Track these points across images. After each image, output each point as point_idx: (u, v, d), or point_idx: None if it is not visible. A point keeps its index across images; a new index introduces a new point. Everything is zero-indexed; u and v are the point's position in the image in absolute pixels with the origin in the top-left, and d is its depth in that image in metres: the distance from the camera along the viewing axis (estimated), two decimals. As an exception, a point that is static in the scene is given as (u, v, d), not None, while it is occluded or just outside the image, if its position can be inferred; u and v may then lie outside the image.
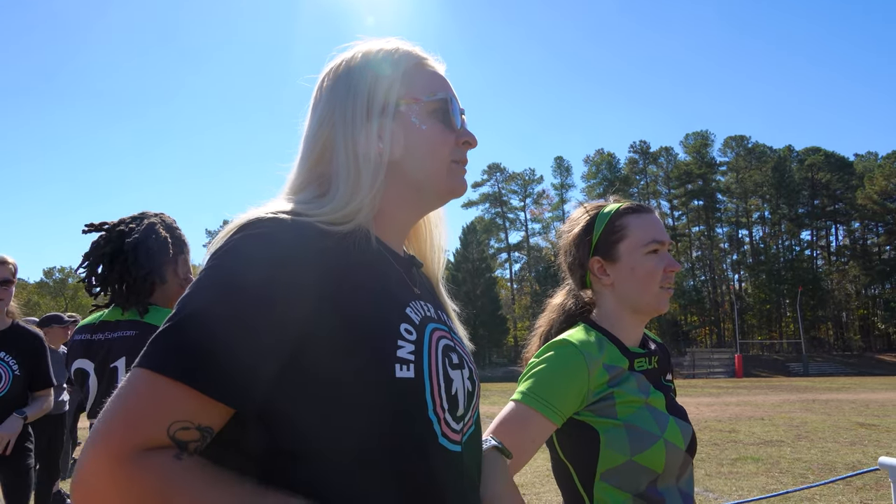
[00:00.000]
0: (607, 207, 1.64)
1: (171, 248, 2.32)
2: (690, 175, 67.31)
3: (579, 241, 1.64)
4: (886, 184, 59.72)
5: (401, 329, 0.88)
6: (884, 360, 48.89)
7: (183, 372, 0.73)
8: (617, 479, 1.43)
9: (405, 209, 1.04)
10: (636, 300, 1.57)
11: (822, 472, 7.26)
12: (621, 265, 1.57)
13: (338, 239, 0.87)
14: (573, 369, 1.45)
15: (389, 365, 0.84)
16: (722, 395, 20.22)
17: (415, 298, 0.97)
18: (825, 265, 65.95)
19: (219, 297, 0.77)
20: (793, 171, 64.39)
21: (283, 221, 0.84)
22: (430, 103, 1.00)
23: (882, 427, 11.03)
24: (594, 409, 1.46)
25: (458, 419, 0.94)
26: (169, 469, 0.72)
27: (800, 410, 14.40)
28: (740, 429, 11.20)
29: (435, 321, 0.98)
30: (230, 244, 0.81)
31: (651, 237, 1.56)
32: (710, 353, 47.27)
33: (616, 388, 1.47)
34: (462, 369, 0.98)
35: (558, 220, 71.44)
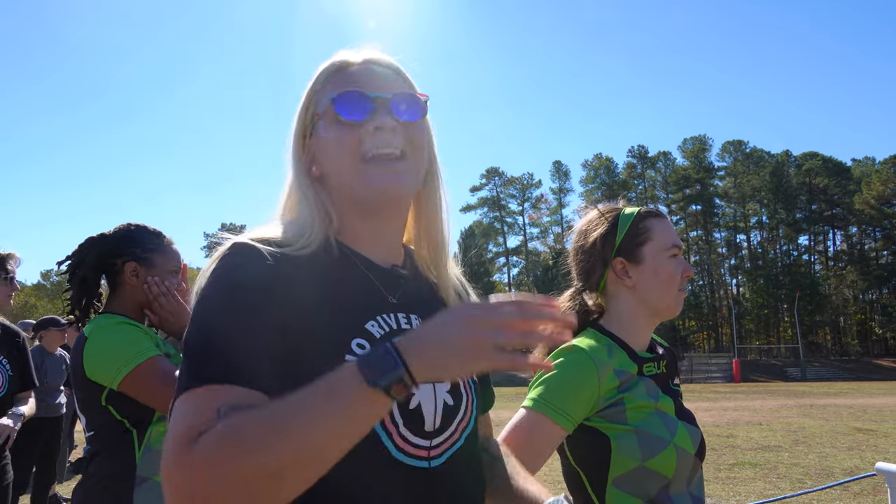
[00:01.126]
0: (627, 210, 1.65)
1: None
2: (688, 180, 67.49)
3: (602, 241, 1.63)
4: (884, 189, 59.90)
5: (352, 344, 0.90)
6: (881, 365, 48.93)
7: (210, 376, 0.79)
8: (628, 485, 1.42)
9: (360, 219, 1.02)
10: (657, 302, 1.58)
11: (820, 477, 7.26)
12: (644, 267, 1.58)
13: (301, 261, 0.91)
14: (583, 375, 1.45)
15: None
16: (720, 400, 20.22)
17: (387, 311, 0.97)
18: (823, 270, 66.09)
19: (220, 302, 0.85)
20: (790, 176, 64.59)
21: (247, 249, 0.89)
22: (327, 110, 0.98)
23: (880, 432, 11.03)
24: (604, 415, 1.45)
25: (425, 435, 0.92)
26: (228, 420, 0.74)
27: (797, 415, 14.40)
28: (738, 434, 11.19)
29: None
30: (211, 269, 0.90)
31: (672, 241, 1.59)
32: (707, 357, 47.33)
33: (626, 394, 1.47)
34: (440, 384, 0.95)
35: (556, 225, 71.55)
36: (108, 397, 1.93)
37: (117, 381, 1.89)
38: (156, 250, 2.15)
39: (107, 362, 1.92)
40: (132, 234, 2.16)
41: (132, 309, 2.11)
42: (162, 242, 2.19)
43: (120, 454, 1.92)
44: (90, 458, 1.98)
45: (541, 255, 70.58)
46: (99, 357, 1.94)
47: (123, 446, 1.93)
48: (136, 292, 2.11)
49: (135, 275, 2.11)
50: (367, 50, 1.04)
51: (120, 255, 2.12)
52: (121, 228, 2.18)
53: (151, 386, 1.88)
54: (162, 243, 2.19)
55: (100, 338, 1.98)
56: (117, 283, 2.13)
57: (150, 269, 2.12)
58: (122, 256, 2.12)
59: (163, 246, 2.18)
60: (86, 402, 1.98)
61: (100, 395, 1.93)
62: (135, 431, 1.94)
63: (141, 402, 1.91)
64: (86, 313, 2.14)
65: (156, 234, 2.20)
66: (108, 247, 2.13)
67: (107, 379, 1.91)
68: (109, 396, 1.93)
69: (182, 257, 2.26)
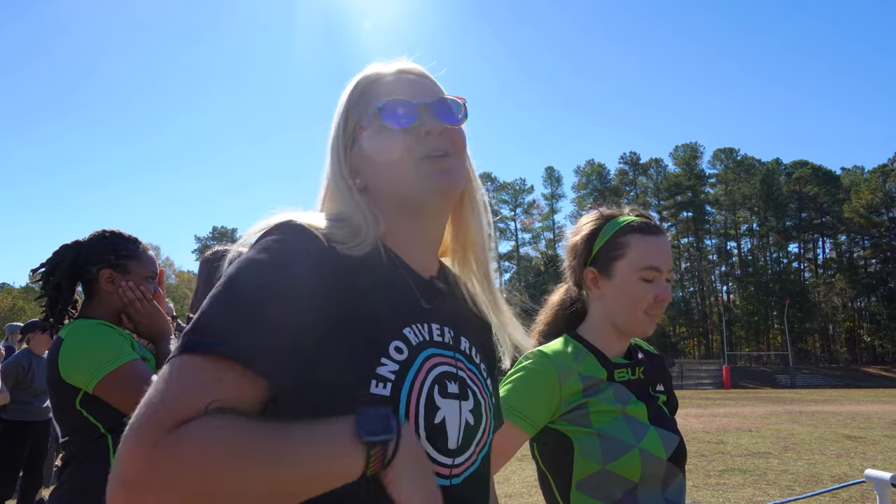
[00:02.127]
0: (619, 219, 1.60)
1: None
2: (680, 187, 67.84)
3: (580, 247, 1.63)
4: (872, 197, 60.44)
5: (390, 347, 0.89)
6: (869, 373, 49.24)
7: (214, 345, 0.75)
8: (592, 488, 1.43)
9: (406, 224, 1.03)
10: (619, 319, 1.56)
11: (809, 484, 7.29)
12: (614, 282, 1.56)
13: (350, 261, 0.91)
14: (544, 379, 1.49)
15: (366, 379, 0.85)
16: (710, 406, 20.27)
17: (424, 320, 0.97)
18: (812, 278, 66.55)
19: (238, 292, 0.81)
20: (781, 183, 65.07)
21: (304, 232, 0.88)
22: (373, 119, 1.00)
23: (868, 439, 11.09)
24: (568, 419, 1.47)
25: (448, 452, 0.91)
26: (207, 425, 0.71)
27: (787, 422, 14.46)
28: (728, 440, 11.22)
29: (442, 346, 0.97)
30: (258, 245, 0.87)
31: (648, 262, 1.52)
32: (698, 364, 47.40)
33: (591, 398, 1.48)
34: (464, 400, 0.95)
35: (548, 231, 71.75)
36: (83, 401, 1.90)
37: (92, 384, 1.86)
38: (131, 256, 2.13)
39: (82, 364, 1.89)
40: (107, 240, 2.14)
41: (108, 315, 2.09)
42: (137, 249, 2.17)
43: (94, 460, 1.89)
44: (64, 464, 1.95)
45: (532, 261, 70.67)
46: (75, 359, 1.91)
47: (97, 452, 1.90)
48: (112, 298, 2.09)
49: (110, 281, 2.09)
50: (397, 62, 1.07)
51: (95, 261, 2.10)
52: (96, 235, 2.16)
53: (128, 390, 1.84)
54: (137, 249, 2.17)
55: (76, 340, 1.95)
56: (93, 289, 2.11)
57: (126, 276, 2.10)
58: (97, 263, 2.10)
59: (138, 252, 2.16)
60: (59, 406, 1.96)
61: (74, 399, 1.91)
62: (109, 436, 1.91)
63: (115, 407, 1.88)
64: (60, 320, 2.12)
65: (131, 241, 2.18)
66: (82, 253, 2.11)
67: (82, 381, 1.88)
68: (84, 400, 1.90)
69: (159, 263, 2.23)
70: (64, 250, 2.14)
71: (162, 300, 2.18)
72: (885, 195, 60.53)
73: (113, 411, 1.89)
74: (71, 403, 1.92)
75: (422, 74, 1.07)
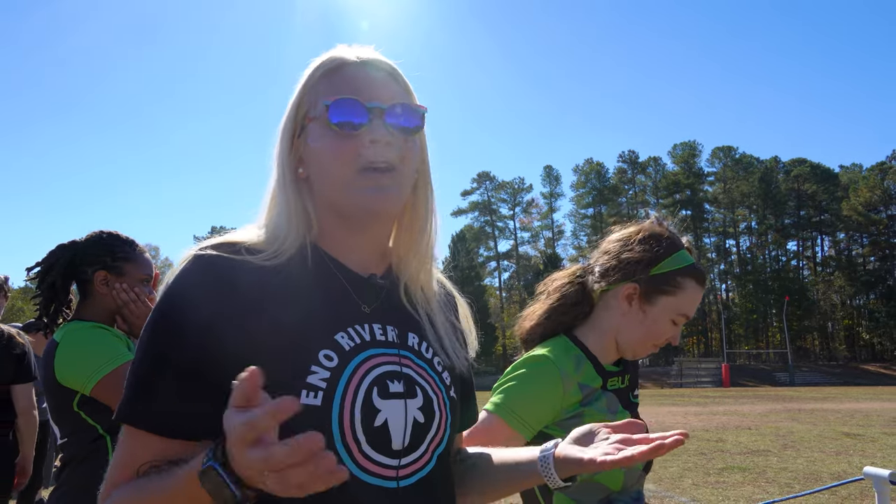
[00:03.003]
0: (680, 252, 1.58)
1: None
2: (678, 185, 67.92)
3: (636, 261, 1.57)
4: (870, 195, 60.51)
5: (319, 355, 0.87)
6: (868, 370, 49.30)
7: (137, 417, 0.85)
8: (574, 493, 1.45)
9: (343, 229, 0.98)
10: (628, 341, 1.58)
11: (808, 481, 7.29)
12: (649, 310, 1.55)
13: (269, 272, 0.89)
14: (548, 387, 1.48)
15: (297, 390, 0.83)
16: (709, 404, 20.28)
17: (360, 321, 0.94)
18: (811, 276, 66.64)
19: (147, 338, 0.87)
20: (779, 181, 65.17)
21: (208, 259, 0.88)
22: (321, 116, 0.93)
23: (867, 437, 11.11)
24: (562, 426, 1.47)
25: (392, 454, 0.89)
26: (120, 494, 0.84)
27: (786, 420, 14.48)
28: (727, 438, 11.24)
29: (384, 345, 0.94)
30: (168, 283, 0.90)
31: (686, 311, 1.56)
32: (697, 362, 47.51)
33: (587, 408, 1.50)
34: (410, 398, 0.92)
35: (547, 229, 71.80)
36: (80, 403, 1.90)
37: (90, 387, 1.86)
38: (126, 259, 2.13)
39: (79, 367, 1.89)
40: (103, 242, 2.14)
41: (103, 316, 2.08)
42: (133, 251, 2.16)
43: (93, 461, 1.88)
44: (63, 465, 1.95)
45: (531, 260, 70.71)
46: (71, 362, 1.91)
47: (96, 453, 1.90)
48: (107, 300, 2.08)
49: (105, 283, 2.08)
50: (364, 49, 0.98)
51: (90, 262, 2.10)
52: (92, 236, 2.16)
53: None
54: (133, 252, 2.16)
55: (72, 342, 1.95)
56: (88, 290, 2.11)
57: (120, 278, 2.09)
58: (93, 264, 2.09)
59: (134, 254, 2.15)
60: (57, 408, 1.95)
61: (71, 401, 1.91)
62: (108, 437, 1.91)
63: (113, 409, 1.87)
64: (54, 320, 2.12)
65: (127, 243, 2.17)
66: (78, 254, 2.11)
67: (79, 384, 1.88)
68: (81, 402, 1.90)
69: (155, 266, 2.22)
70: (60, 250, 2.14)
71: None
72: (883, 193, 60.62)
73: (111, 412, 1.88)
74: (69, 406, 1.91)
75: (388, 70, 0.97)
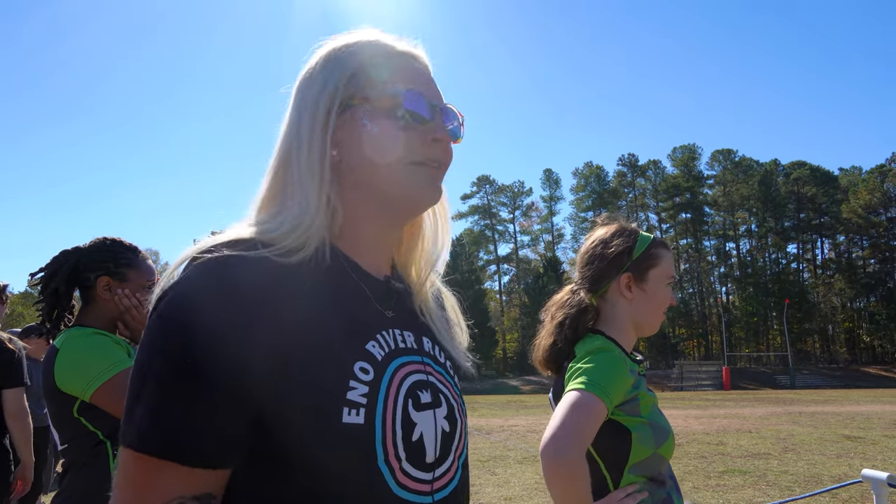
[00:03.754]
0: (643, 233, 1.84)
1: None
2: (678, 188, 67.91)
3: (622, 254, 1.80)
4: (870, 198, 60.52)
5: (355, 369, 0.80)
6: (869, 373, 49.25)
7: (163, 446, 0.70)
8: (642, 469, 1.62)
9: (373, 222, 0.92)
10: (645, 320, 1.79)
11: (809, 484, 7.29)
12: (646, 287, 1.78)
13: (292, 269, 0.80)
14: (621, 369, 1.64)
15: (337, 409, 0.76)
16: (709, 407, 20.27)
17: (385, 327, 0.88)
18: (811, 278, 66.58)
19: (171, 357, 0.72)
20: (779, 184, 65.15)
21: (219, 265, 0.76)
22: (382, 100, 0.88)
23: (867, 440, 11.10)
24: (625, 409, 1.63)
25: (426, 467, 0.84)
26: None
27: (787, 423, 14.46)
28: (728, 441, 11.23)
29: (408, 352, 0.89)
30: (165, 300, 0.76)
31: (671, 272, 1.81)
32: (697, 365, 47.44)
33: (638, 390, 1.67)
34: (437, 407, 0.88)
35: (547, 233, 71.77)
36: (80, 409, 1.90)
37: (89, 393, 1.87)
38: (130, 265, 2.14)
39: (79, 373, 1.89)
40: (107, 248, 2.15)
41: (104, 322, 2.09)
42: (136, 257, 2.18)
43: (94, 467, 1.89)
44: (64, 472, 1.95)
45: (531, 263, 70.72)
46: (71, 368, 1.91)
47: (97, 459, 1.90)
48: (109, 306, 2.10)
49: (107, 289, 2.09)
50: (406, 42, 0.95)
51: (93, 269, 2.11)
52: (96, 242, 2.17)
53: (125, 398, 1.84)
54: (136, 258, 2.17)
55: (72, 349, 1.96)
56: (90, 296, 2.12)
57: (123, 284, 2.10)
58: (96, 271, 2.10)
59: (137, 261, 2.17)
60: (57, 415, 1.96)
61: (71, 407, 1.91)
62: (108, 443, 1.91)
63: (113, 415, 1.87)
64: (56, 325, 2.13)
65: (131, 249, 2.19)
66: (81, 260, 2.12)
67: (78, 390, 1.88)
68: (81, 408, 1.90)
69: (157, 272, 2.22)
70: (63, 256, 2.15)
71: None
72: (883, 195, 60.63)
73: (112, 418, 1.89)
74: (69, 412, 1.92)
75: (428, 69, 0.97)
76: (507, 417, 17.78)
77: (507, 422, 16.23)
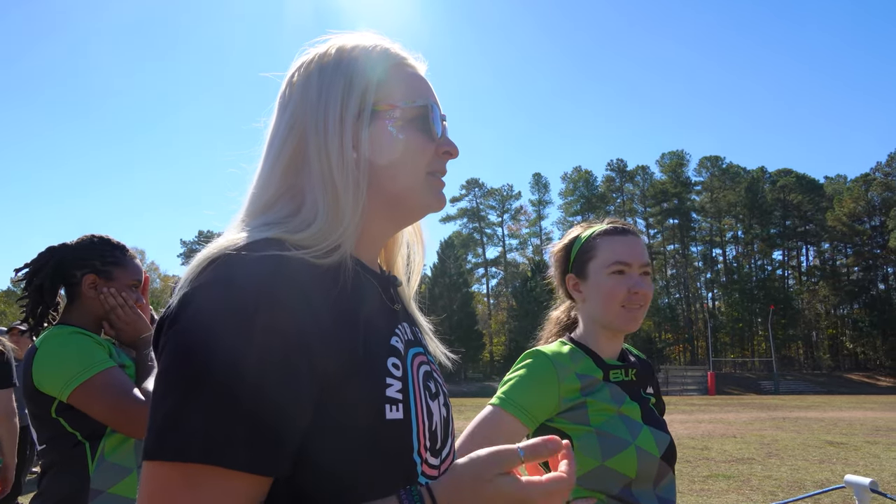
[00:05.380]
0: (591, 229, 1.73)
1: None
2: (666, 194, 68.41)
3: (560, 258, 1.77)
4: (854, 206, 61.24)
5: (388, 365, 0.82)
6: (851, 379, 49.79)
7: (210, 452, 0.66)
8: (591, 482, 1.50)
9: (381, 223, 0.95)
10: (601, 317, 1.64)
11: (792, 489, 7.35)
12: (589, 283, 1.67)
13: (323, 272, 0.79)
14: (543, 377, 1.56)
15: (381, 407, 0.78)
16: (694, 412, 20.38)
17: (397, 322, 0.91)
18: (796, 285, 67.23)
19: (221, 362, 0.68)
20: (765, 191, 65.79)
21: (255, 263, 0.74)
22: (409, 110, 0.91)
23: (850, 445, 11.21)
24: (567, 417, 1.54)
25: (437, 453, 0.88)
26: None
27: (771, 428, 14.57)
28: (712, 446, 11.30)
29: (414, 344, 0.93)
30: (196, 299, 0.72)
31: (615, 258, 1.62)
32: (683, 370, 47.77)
33: (588, 397, 1.55)
34: (438, 397, 0.93)
35: (535, 237, 72.02)
36: (59, 409, 1.88)
37: (67, 393, 1.84)
38: (116, 263, 2.11)
39: (56, 373, 1.87)
40: (94, 246, 2.13)
41: (89, 321, 2.07)
42: (123, 256, 2.15)
43: (72, 468, 1.86)
44: (43, 472, 1.92)
45: (520, 267, 70.84)
46: (48, 369, 1.89)
47: (76, 460, 1.87)
48: (94, 305, 2.07)
49: (93, 287, 2.07)
50: (419, 58, 0.99)
51: (79, 266, 2.08)
52: (83, 240, 2.15)
53: (102, 400, 1.82)
54: (123, 257, 2.15)
55: (50, 348, 1.93)
56: (75, 294, 2.09)
57: (109, 283, 2.08)
58: (82, 268, 2.08)
59: (124, 259, 2.14)
60: (36, 415, 1.93)
61: (49, 408, 1.88)
62: (87, 444, 1.89)
63: (91, 416, 1.85)
64: (40, 323, 2.10)
65: (118, 248, 2.16)
66: (67, 257, 2.09)
67: (56, 390, 1.86)
68: (60, 408, 1.88)
69: (143, 271, 2.21)
70: (49, 252, 2.13)
71: (145, 309, 2.16)
72: (867, 204, 61.36)
73: (91, 419, 1.86)
74: (47, 412, 1.89)
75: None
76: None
77: (493, 425, 16.20)
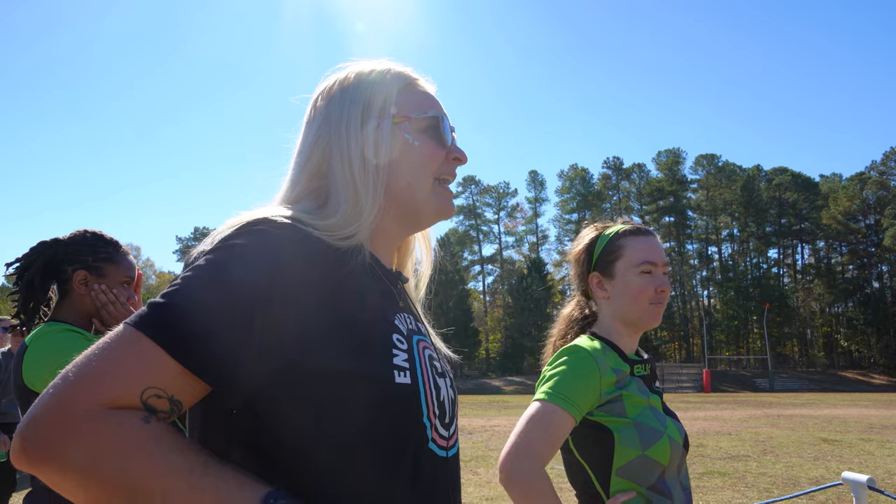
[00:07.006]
0: (611, 228, 1.80)
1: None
2: (662, 192, 68.45)
3: (582, 256, 1.82)
4: (849, 204, 61.38)
5: (394, 338, 0.92)
6: (846, 377, 50.00)
7: (169, 339, 0.75)
8: (631, 473, 1.56)
9: (396, 225, 1.06)
10: (628, 314, 1.71)
11: (787, 486, 7.37)
12: (617, 281, 1.73)
13: (339, 254, 0.91)
14: (587, 371, 1.59)
15: (390, 370, 0.87)
16: (690, 409, 20.43)
17: (401, 310, 1.01)
18: (791, 283, 67.40)
19: (218, 284, 0.79)
20: (761, 190, 65.88)
21: (289, 226, 0.87)
22: (422, 120, 1.03)
23: (844, 443, 11.26)
24: (606, 410, 1.59)
25: (445, 426, 0.98)
26: (135, 429, 0.72)
27: (766, 426, 14.62)
28: (708, 443, 11.33)
29: (417, 333, 1.01)
30: (237, 236, 0.84)
31: (644, 258, 1.71)
32: (678, 367, 47.87)
33: (623, 391, 1.62)
34: (445, 378, 1.02)
35: (531, 234, 71.97)
36: None
37: None
38: (108, 260, 2.09)
39: (46, 371, 1.84)
40: (86, 241, 2.10)
41: (80, 317, 2.05)
42: (116, 252, 2.13)
43: None
44: None
45: (516, 264, 70.82)
46: (38, 367, 1.87)
47: None
48: (85, 301, 2.05)
49: (84, 283, 2.05)
50: (427, 78, 1.11)
51: (70, 262, 2.06)
52: (75, 235, 2.13)
53: None
54: (116, 253, 2.13)
55: (40, 346, 1.91)
56: (66, 290, 2.07)
57: (101, 279, 2.06)
58: (73, 264, 2.05)
59: (116, 256, 2.12)
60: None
61: None
62: None
63: None
64: (31, 318, 2.08)
65: (111, 244, 2.14)
66: (59, 253, 2.07)
67: (44, 388, 1.84)
68: None
69: (138, 266, 2.18)
70: (41, 247, 2.10)
71: (137, 306, 2.13)
72: (862, 202, 61.51)
73: None
74: None
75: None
76: (490, 418, 17.80)
77: (489, 422, 16.24)
